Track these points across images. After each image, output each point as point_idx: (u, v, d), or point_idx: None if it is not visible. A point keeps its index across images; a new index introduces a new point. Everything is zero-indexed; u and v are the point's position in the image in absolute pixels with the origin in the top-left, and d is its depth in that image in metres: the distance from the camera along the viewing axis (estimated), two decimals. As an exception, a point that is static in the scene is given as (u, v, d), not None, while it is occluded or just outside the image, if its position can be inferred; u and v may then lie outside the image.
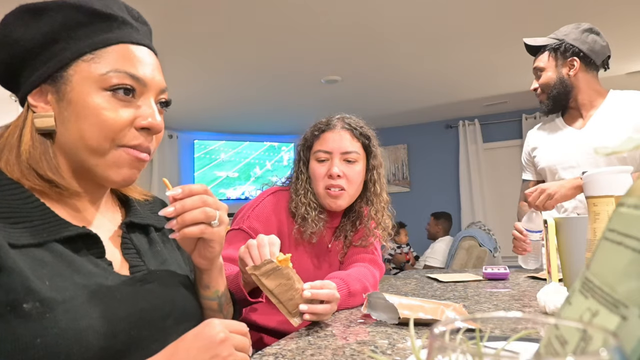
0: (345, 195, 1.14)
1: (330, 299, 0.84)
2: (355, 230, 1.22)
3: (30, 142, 0.59)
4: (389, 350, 0.66)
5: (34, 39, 0.60)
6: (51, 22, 0.60)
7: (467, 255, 3.59)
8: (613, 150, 0.33)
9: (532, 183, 1.75)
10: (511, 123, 5.08)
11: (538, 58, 1.60)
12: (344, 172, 1.13)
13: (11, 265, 0.50)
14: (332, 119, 1.20)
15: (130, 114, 0.61)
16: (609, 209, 0.74)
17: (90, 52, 0.60)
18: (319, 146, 1.17)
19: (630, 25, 3.10)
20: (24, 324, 0.48)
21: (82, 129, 0.59)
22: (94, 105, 0.59)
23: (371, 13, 2.80)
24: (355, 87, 4.29)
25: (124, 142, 0.61)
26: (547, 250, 1.04)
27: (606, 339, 0.21)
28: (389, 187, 1.28)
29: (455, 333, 0.25)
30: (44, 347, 0.48)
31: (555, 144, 1.63)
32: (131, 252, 0.67)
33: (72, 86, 0.59)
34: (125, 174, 0.63)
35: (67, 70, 0.60)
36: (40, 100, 0.61)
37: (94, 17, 0.61)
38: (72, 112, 0.59)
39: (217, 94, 4.33)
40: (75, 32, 0.60)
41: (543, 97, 1.60)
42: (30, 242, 0.54)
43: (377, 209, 1.19)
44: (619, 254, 0.27)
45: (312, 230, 1.13)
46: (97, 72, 0.59)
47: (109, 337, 0.53)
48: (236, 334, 0.58)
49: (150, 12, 2.58)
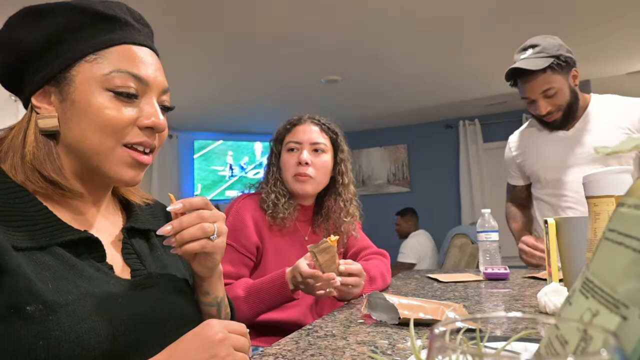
0: (312, 181, 1.24)
1: (359, 273, 1.08)
2: (327, 222, 1.33)
3: (34, 144, 0.60)
4: (389, 350, 0.66)
5: (37, 41, 0.60)
6: (54, 24, 0.60)
7: (460, 253, 3.59)
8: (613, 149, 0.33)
9: (522, 187, 1.76)
10: (511, 123, 5.07)
11: (544, 80, 1.46)
12: (312, 160, 1.24)
13: (15, 268, 0.50)
14: (302, 115, 1.32)
15: (133, 113, 0.62)
16: (609, 209, 0.74)
17: (93, 53, 0.60)
18: (290, 138, 1.28)
19: (630, 26, 3.10)
20: (27, 326, 0.48)
21: (85, 129, 0.60)
22: (97, 105, 0.59)
23: (371, 13, 2.80)
24: (355, 87, 4.29)
25: (127, 140, 0.62)
26: (547, 250, 1.04)
27: (606, 339, 0.21)
28: (388, 187, 1.40)
29: (455, 333, 0.25)
30: (47, 349, 0.49)
31: (543, 148, 1.63)
32: (132, 257, 0.67)
33: (75, 86, 0.60)
34: (128, 174, 0.63)
35: (70, 71, 0.60)
36: (43, 102, 0.61)
37: (97, 19, 0.62)
38: (75, 112, 0.60)
39: (217, 94, 4.33)
40: (78, 34, 0.61)
41: (558, 115, 1.51)
42: (33, 246, 0.54)
43: (346, 199, 1.30)
44: (619, 254, 0.27)
45: (283, 215, 1.22)
46: (100, 73, 0.60)
47: (109, 340, 0.53)
48: (235, 334, 0.58)
49: (150, 12, 2.58)
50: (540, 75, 1.46)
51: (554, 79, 1.46)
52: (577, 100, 1.53)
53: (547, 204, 1.64)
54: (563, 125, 1.56)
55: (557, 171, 1.58)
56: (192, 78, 3.83)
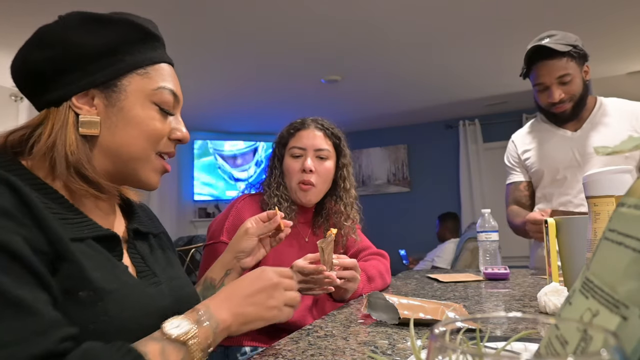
0: (314, 190, 1.25)
1: (353, 266, 1.09)
2: (327, 224, 1.33)
3: (74, 144, 0.62)
4: (389, 350, 0.66)
5: (95, 46, 0.63)
6: (113, 34, 0.65)
7: (471, 256, 3.57)
8: (613, 149, 0.33)
9: (525, 184, 1.74)
10: (511, 123, 5.07)
11: (561, 66, 1.46)
12: (316, 167, 1.24)
13: (70, 255, 0.54)
14: (306, 119, 1.30)
15: (168, 126, 0.70)
16: (609, 209, 0.74)
17: (143, 67, 0.67)
18: (294, 143, 1.26)
19: (630, 26, 3.10)
20: (80, 310, 0.53)
21: (129, 136, 0.65)
22: (145, 115, 0.66)
23: (371, 13, 2.80)
24: (355, 87, 4.29)
25: (159, 150, 0.69)
26: (547, 250, 1.03)
27: (606, 339, 0.21)
28: (388, 187, 1.40)
29: (455, 333, 0.25)
30: (95, 333, 0.52)
31: (550, 146, 1.63)
32: (137, 258, 0.70)
33: (126, 95, 0.65)
34: (156, 179, 0.71)
35: (121, 80, 0.65)
36: (85, 103, 0.64)
37: (147, 37, 0.68)
38: (121, 119, 0.65)
39: (217, 94, 4.33)
40: (132, 47, 0.66)
41: (569, 106, 1.50)
42: (75, 237, 0.57)
43: (347, 203, 1.31)
44: (619, 254, 0.27)
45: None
46: (150, 87, 0.67)
47: (143, 329, 0.57)
48: (284, 278, 0.70)
49: (150, 12, 2.58)
50: (560, 59, 1.47)
51: (570, 66, 1.47)
52: (587, 94, 1.53)
53: (549, 203, 1.63)
54: (571, 117, 1.55)
55: (564, 171, 1.58)
56: (191, 78, 3.83)
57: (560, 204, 1.60)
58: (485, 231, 1.54)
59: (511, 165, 1.76)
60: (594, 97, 1.61)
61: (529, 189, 1.73)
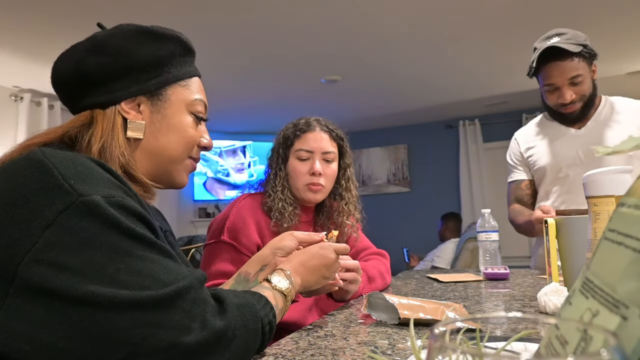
0: (323, 190, 1.27)
1: (355, 268, 1.10)
2: (329, 223, 1.34)
3: (124, 146, 0.68)
4: (389, 350, 0.66)
5: (147, 57, 0.70)
6: (165, 49, 0.72)
7: (471, 256, 3.57)
8: (613, 149, 0.33)
9: (527, 183, 1.73)
10: (511, 123, 5.07)
11: (573, 67, 1.45)
12: (323, 170, 1.26)
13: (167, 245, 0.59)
14: (310, 120, 1.30)
15: (199, 134, 0.77)
16: (609, 209, 0.74)
17: (184, 80, 0.75)
18: (301, 145, 1.26)
19: (630, 26, 3.10)
20: None
21: (170, 140, 0.73)
22: (185, 123, 0.74)
23: (371, 13, 2.80)
24: (355, 87, 4.29)
25: (191, 154, 0.77)
26: (547, 250, 1.03)
27: (606, 339, 0.21)
28: (388, 187, 1.41)
29: (455, 333, 0.25)
30: None
31: (553, 143, 1.62)
32: None
33: (170, 103, 0.72)
34: (187, 179, 0.79)
35: (167, 89, 0.72)
36: (132, 109, 0.70)
37: (188, 52, 0.77)
38: (164, 125, 0.72)
39: (216, 94, 4.33)
40: (177, 61, 0.74)
41: (578, 106, 1.50)
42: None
43: (348, 202, 1.32)
44: (619, 254, 0.27)
45: (288, 224, 1.22)
46: (189, 98, 0.75)
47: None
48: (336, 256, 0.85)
49: (150, 11, 2.58)
50: (572, 60, 1.44)
51: (582, 67, 1.45)
52: (596, 94, 1.53)
53: (550, 201, 1.63)
54: (580, 118, 1.54)
55: (566, 169, 1.58)
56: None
57: (562, 202, 1.60)
58: (485, 231, 1.54)
59: (513, 163, 1.75)
60: (599, 96, 1.60)
61: (531, 187, 1.72)
